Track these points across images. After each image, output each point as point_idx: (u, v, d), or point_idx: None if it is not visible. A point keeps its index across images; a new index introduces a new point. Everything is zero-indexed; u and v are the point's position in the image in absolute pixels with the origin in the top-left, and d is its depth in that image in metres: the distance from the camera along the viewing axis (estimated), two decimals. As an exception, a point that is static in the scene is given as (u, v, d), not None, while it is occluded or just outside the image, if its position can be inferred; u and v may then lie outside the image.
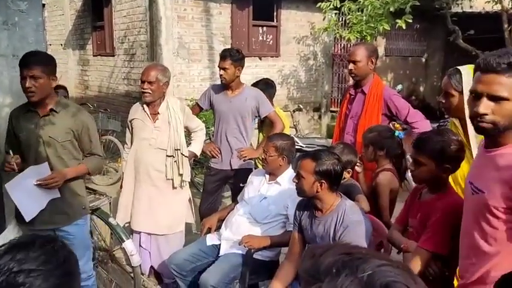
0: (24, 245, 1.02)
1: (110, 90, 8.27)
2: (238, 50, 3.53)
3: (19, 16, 2.82)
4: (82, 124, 2.53)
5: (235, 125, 3.53)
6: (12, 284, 0.94)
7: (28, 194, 2.44)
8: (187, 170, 3.25)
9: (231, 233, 2.86)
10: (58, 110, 2.48)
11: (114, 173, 6.65)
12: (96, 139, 2.64)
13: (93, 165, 2.62)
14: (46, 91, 2.41)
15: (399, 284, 0.68)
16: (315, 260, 0.76)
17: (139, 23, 7.08)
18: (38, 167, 2.46)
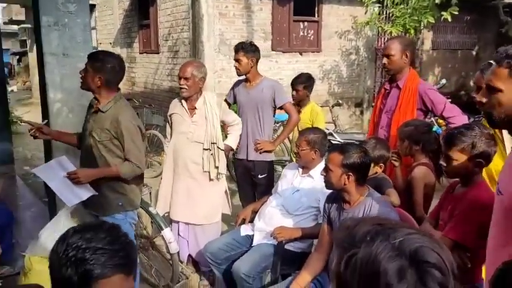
0: (93, 227, 1.16)
1: (154, 86, 8.59)
2: (251, 43, 3.65)
3: (68, 17, 3.02)
4: (117, 129, 2.57)
5: (253, 116, 3.62)
6: (80, 258, 1.06)
7: (61, 184, 2.62)
8: (223, 163, 3.36)
9: (263, 224, 2.94)
10: (104, 109, 2.60)
11: (157, 166, 6.93)
12: (132, 146, 2.59)
13: (125, 171, 2.62)
14: (91, 87, 2.58)
15: (426, 249, 0.78)
16: (350, 231, 0.86)
17: (183, 20, 7.29)
18: (59, 160, 2.66)
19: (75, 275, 1.04)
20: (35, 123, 2.76)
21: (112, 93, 2.64)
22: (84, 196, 2.65)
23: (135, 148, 2.61)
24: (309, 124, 3.83)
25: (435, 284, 0.77)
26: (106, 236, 1.11)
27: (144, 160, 2.73)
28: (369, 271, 0.79)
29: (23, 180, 6.17)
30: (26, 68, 20.43)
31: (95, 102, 2.66)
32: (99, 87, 2.58)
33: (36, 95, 17.81)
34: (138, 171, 2.67)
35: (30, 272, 2.84)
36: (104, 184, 2.68)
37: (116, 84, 2.66)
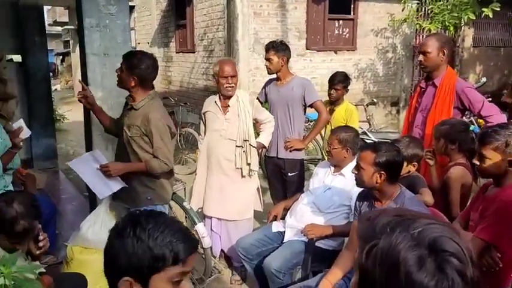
0: (156, 214, 1.20)
1: (190, 85, 8.75)
2: (281, 42, 3.67)
3: (109, 19, 3.15)
4: (147, 127, 2.67)
5: (283, 114, 3.65)
6: (170, 240, 1.10)
7: (94, 176, 2.78)
8: (256, 160, 3.40)
9: (295, 221, 2.97)
10: (137, 107, 2.72)
11: (192, 163, 7.06)
12: (160, 144, 2.69)
13: (153, 167, 2.72)
14: (126, 85, 2.72)
15: (445, 238, 0.81)
16: (370, 222, 0.89)
17: (218, 20, 7.40)
18: (93, 153, 2.83)
19: (170, 254, 1.08)
20: (86, 88, 2.96)
21: (146, 92, 2.73)
22: (114, 188, 2.79)
23: (163, 146, 2.71)
24: (343, 123, 3.81)
25: (454, 272, 0.78)
26: (174, 220, 1.19)
27: (172, 157, 2.80)
28: (389, 261, 0.81)
29: (65, 175, 6.45)
30: (68, 67, 21.27)
31: (129, 99, 2.79)
32: (133, 86, 2.69)
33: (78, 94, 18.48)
34: (165, 168, 2.76)
35: (72, 261, 2.99)
36: (134, 178, 2.81)
37: (149, 83, 2.75)
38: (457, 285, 0.78)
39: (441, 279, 0.78)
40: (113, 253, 1.10)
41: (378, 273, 0.83)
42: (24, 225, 1.93)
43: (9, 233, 1.93)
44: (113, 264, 1.10)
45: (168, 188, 2.96)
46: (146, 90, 2.74)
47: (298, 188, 3.75)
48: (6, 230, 1.92)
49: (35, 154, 6.29)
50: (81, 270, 2.83)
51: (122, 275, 1.08)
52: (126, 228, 1.10)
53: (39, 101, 6.50)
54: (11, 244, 1.95)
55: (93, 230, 3.04)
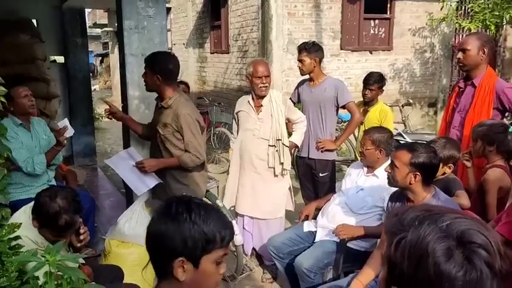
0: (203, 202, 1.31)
1: (224, 85, 8.85)
2: (314, 42, 3.67)
3: (147, 21, 3.25)
4: (177, 123, 2.78)
5: (316, 115, 3.65)
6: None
7: (130, 173, 2.90)
8: (288, 159, 3.42)
9: (326, 221, 2.96)
10: (166, 105, 2.83)
11: (225, 162, 7.14)
12: (191, 138, 2.79)
13: (184, 160, 2.84)
14: (152, 86, 2.83)
15: (472, 231, 0.82)
16: (398, 217, 0.91)
17: (252, 21, 7.45)
18: (128, 150, 2.96)
19: (219, 237, 1.21)
20: (112, 106, 3.13)
21: (172, 90, 2.85)
22: (150, 184, 2.89)
23: (194, 139, 2.82)
24: (377, 124, 3.76)
25: (482, 263, 0.79)
26: (217, 208, 1.32)
27: (203, 151, 2.90)
28: (417, 252, 0.83)
29: (103, 172, 6.67)
30: (107, 68, 21.92)
31: (158, 100, 2.91)
32: (159, 85, 2.81)
33: (115, 94, 19.04)
34: (197, 161, 2.87)
35: (109, 254, 3.11)
36: (168, 175, 2.91)
37: (173, 80, 2.88)
38: (486, 276, 0.79)
39: (469, 269, 0.79)
40: (169, 236, 1.18)
41: (406, 265, 0.84)
42: (66, 220, 2.02)
43: (52, 227, 2.03)
44: (167, 246, 1.19)
45: (201, 184, 3.04)
46: (171, 88, 2.85)
47: (330, 189, 3.74)
48: (50, 224, 2.02)
49: (75, 151, 6.54)
50: (118, 263, 2.94)
51: (176, 256, 1.18)
52: (181, 214, 1.20)
53: (79, 101, 6.76)
54: (54, 237, 2.05)
55: (130, 225, 3.14)
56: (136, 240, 3.13)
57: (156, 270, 1.28)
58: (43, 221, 2.02)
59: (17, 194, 3.04)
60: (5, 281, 1.52)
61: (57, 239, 2.06)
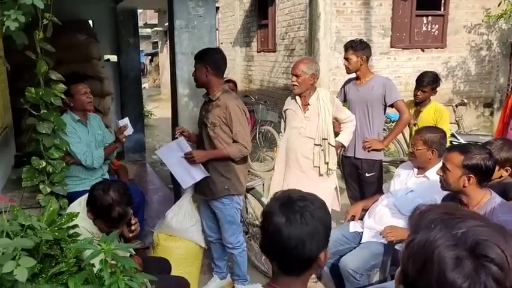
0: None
1: (270, 84, 8.87)
2: (361, 40, 3.60)
3: (197, 20, 3.32)
4: (226, 114, 2.86)
5: (362, 114, 3.57)
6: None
7: (179, 165, 2.98)
8: (334, 159, 3.36)
9: (373, 222, 2.90)
10: (214, 98, 2.92)
11: (270, 160, 7.16)
12: (239, 128, 2.87)
13: (232, 151, 2.91)
14: (201, 80, 2.92)
15: (488, 242, 0.76)
16: (420, 215, 0.88)
17: (300, 19, 7.41)
18: (178, 141, 3.00)
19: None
20: (182, 128, 3.23)
21: (220, 83, 2.94)
22: (197, 177, 2.97)
23: (241, 129, 2.90)
24: (432, 124, 3.62)
25: (489, 279, 0.74)
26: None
27: (250, 141, 2.96)
28: (422, 256, 0.80)
29: (151, 167, 6.89)
30: (156, 67, 22.59)
31: (206, 96, 2.99)
32: (207, 78, 2.90)
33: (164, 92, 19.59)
34: (244, 152, 2.94)
35: (157, 247, 3.21)
36: (211, 168, 2.97)
37: (221, 73, 2.96)
38: None
39: (475, 283, 0.74)
40: (310, 236, 1.21)
41: (410, 267, 0.82)
42: (119, 211, 2.11)
43: (106, 218, 2.12)
44: (299, 250, 1.20)
45: (242, 179, 3.08)
46: (219, 81, 2.94)
47: (377, 189, 3.65)
48: (103, 216, 2.12)
49: (126, 147, 6.79)
50: (165, 255, 3.03)
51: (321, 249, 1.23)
52: (295, 218, 1.22)
53: (130, 98, 7.02)
54: (107, 228, 2.15)
55: (177, 219, 3.23)
56: (183, 234, 3.22)
57: (286, 267, 1.27)
58: (97, 213, 2.12)
59: (73, 186, 3.19)
60: (63, 267, 1.61)
61: (111, 230, 2.16)
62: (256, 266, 3.59)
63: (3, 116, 3.88)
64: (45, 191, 2.71)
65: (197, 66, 2.93)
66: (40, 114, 2.61)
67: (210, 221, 3.24)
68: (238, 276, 3.24)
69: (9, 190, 3.48)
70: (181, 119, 3.45)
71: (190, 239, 3.22)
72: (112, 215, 2.10)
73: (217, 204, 3.06)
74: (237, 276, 3.25)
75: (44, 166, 2.68)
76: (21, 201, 3.22)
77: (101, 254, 1.50)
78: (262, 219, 1.30)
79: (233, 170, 3.01)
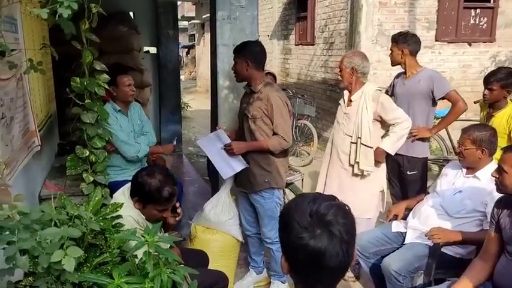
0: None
1: (307, 78, 8.74)
2: (406, 33, 3.50)
3: (239, 11, 3.28)
4: (267, 105, 2.82)
5: (407, 108, 3.41)
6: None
7: (218, 155, 2.99)
8: (366, 160, 3.14)
9: (418, 222, 2.79)
10: (256, 90, 2.88)
11: (306, 155, 7.08)
12: (280, 120, 2.82)
13: (272, 143, 2.86)
14: (242, 74, 2.88)
15: None
16: None
17: (340, 11, 7.24)
18: (217, 133, 3.01)
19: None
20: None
21: (261, 76, 2.90)
22: (237, 168, 2.95)
23: (282, 122, 2.84)
24: (505, 133, 3.25)
25: None
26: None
27: (290, 134, 2.90)
28: None
29: (187, 159, 6.95)
30: (192, 59, 22.82)
31: (247, 88, 2.96)
32: (248, 72, 2.86)
33: (199, 84, 19.78)
34: (284, 145, 2.88)
35: (195, 239, 3.21)
36: (252, 161, 2.93)
37: (262, 66, 2.92)
38: None
39: None
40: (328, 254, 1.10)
41: None
42: (169, 191, 2.14)
43: (157, 201, 2.14)
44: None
45: (282, 173, 3.03)
46: (260, 73, 2.90)
47: (421, 188, 3.52)
48: (154, 199, 2.13)
49: (163, 138, 6.88)
50: (203, 248, 3.02)
51: None
52: (320, 232, 1.11)
53: (168, 90, 7.09)
54: (159, 212, 2.18)
55: (215, 211, 3.22)
56: (220, 227, 3.21)
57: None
58: (147, 199, 2.14)
59: (114, 175, 3.24)
60: (107, 257, 1.61)
61: (161, 215, 2.20)
62: (292, 262, 3.53)
63: (48, 105, 3.98)
64: (88, 180, 2.75)
65: (237, 60, 2.89)
66: (84, 104, 2.65)
67: (248, 215, 3.21)
68: (275, 271, 3.20)
69: (52, 178, 3.57)
70: (221, 111, 3.43)
71: (227, 232, 3.20)
72: (163, 195, 2.12)
73: (257, 197, 3.02)
74: (274, 271, 3.21)
75: (87, 155, 2.72)
76: (65, 189, 3.30)
77: (145, 245, 1.49)
78: (285, 228, 1.17)
79: (274, 163, 2.96)
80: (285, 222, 1.18)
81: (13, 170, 2.28)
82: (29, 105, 2.80)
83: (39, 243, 1.22)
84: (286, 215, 1.18)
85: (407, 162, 3.52)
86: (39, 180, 3.32)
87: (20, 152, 2.46)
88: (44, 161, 3.60)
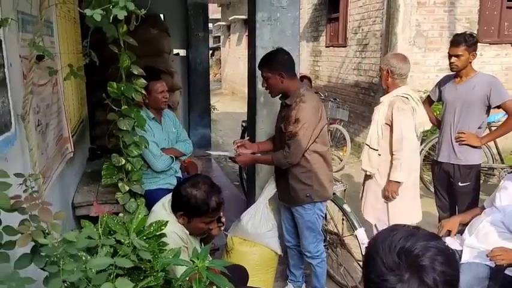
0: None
1: (339, 81, 8.51)
2: (471, 34, 3.22)
3: (280, 12, 3.11)
4: (290, 117, 2.67)
5: (458, 115, 3.23)
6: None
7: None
8: (369, 162, 3.11)
9: (476, 240, 2.56)
10: (290, 102, 2.72)
11: (338, 161, 6.86)
12: (294, 130, 2.63)
13: (277, 157, 2.73)
14: (278, 88, 2.72)
15: None
16: None
17: (375, 12, 6.99)
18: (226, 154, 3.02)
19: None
20: (242, 141, 3.08)
21: (296, 84, 2.73)
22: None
23: (297, 136, 2.63)
24: None
25: None
26: None
27: (300, 151, 2.67)
28: None
29: (217, 163, 6.82)
30: (217, 61, 22.79)
31: (283, 101, 2.80)
32: (283, 83, 2.69)
33: (225, 86, 19.71)
34: (289, 160, 2.68)
35: (232, 251, 3.06)
36: (291, 176, 2.79)
37: (294, 73, 2.76)
38: None
39: None
40: None
41: None
42: (216, 201, 2.02)
43: (205, 213, 2.01)
44: None
45: (327, 184, 2.86)
46: (295, 82, 2.73)
47: (473, 201, 3.28)
48: (202, 211, 2.00)
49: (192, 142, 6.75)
50: (240, 261, 2.87)
51: None
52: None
53: (198, 92, 6.99)
54: (206, 225, 2.05)
55: (253, 223, 3.06)
56: (258, 239, 3.05)
57: None
58: (193, 212, 2.01)
59: (147, 184, 3.10)
60: (152, 281, 1.47)
61: (207, 227, 2.08)
62: (332, 276, 3.36)
63: (80, 109, 3.91)
64: (124, 189, 2.64)
65: (268, 75, 2.70)
66: (121, 110, 2.53)
67: (289, 224, 3.06)
68: (315, 287, 3.02)
69: (85, 183, 3.49)
70: (260, 117, 3.27)
71: (266, 245, 3.04)
72: (211, 206, 2.00)
73: (299, 208, 2.86)
74: (314, 287, 3.03)
75: (123, 163, 2.60)
76: (97, 196, 3.20)
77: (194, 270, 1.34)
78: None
79: (314, 175, 2.78)
80: (369, 256, 1.00)
81: (48, 179, 2.18)
82: (63, 111, 2.71)
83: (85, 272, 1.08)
84: (371, 247, 1.00)
85: (459, 172, 3.29)
86: (72, 187, 3.24)
87: (54, 160, 2.36)
88: (77, 167, 3.52)
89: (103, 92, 2.54)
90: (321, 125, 2.72)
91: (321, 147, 2.77)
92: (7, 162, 1.57)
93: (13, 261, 1.22)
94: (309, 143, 2.68)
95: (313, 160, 2.76)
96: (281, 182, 2.93)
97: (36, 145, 1.98)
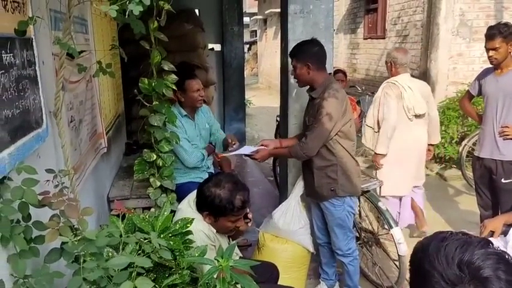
0: None
1: (377, 73, 8.28)
2: (506, 24, 3.05)
3: (313, 4, 3.03)
4: (314, 111, 2.61)
5: (500, 108, 3.06)
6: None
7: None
8: (365, 137, 3.80)
9: (522, 243, 2.41)
10: (315, 95, 2.66)
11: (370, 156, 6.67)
12: (315, 123, 2.57)
13: (294, 150, 2.67)
14: (304, 79, 2.67)
15: None
16: None
17: (416, 1, 6.73)
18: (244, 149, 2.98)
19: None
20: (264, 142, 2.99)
21: (324, 77, 2.66)
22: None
23: (315, 130, 2.58)
24: None
25: None
26: None
27: (316, 145, 2.60)
28: None
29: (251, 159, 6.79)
30: (254, 55, 22.79)
31: (309, 93, 2.74)
32: (310, 74, 2.64)
33: (261, 80, 19.69)
34: (306, 152, 2.62)
35: (263, 248, 3.03)
36: (316, 171, 2.73)
37: (324, 65, 2.69)
38: None
39: None
40: None
41: None
42: (241, 199, 1.97)
43: (230, 212, 1.97)
44: None
45: (355, 179, 2.75)
46: (323, 75, 2.67)
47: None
48: (227, 211, 1.96)
49: (227, 137, 6.78)
50: (271, 258, 2.84)
51: None
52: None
53: (233, 87, 6.99)
54: (232, 223, 2.02)
55: (284, 219, 3.02)
56: (290, 236, 3.01)
57: None
58: (219, 211, 1.98)
59: (178, 178, 3.10)
60: (177, 279, 1.46)
61: (234, 225, 2.05)
62: (367, 275, 3.26)
63: (116, 105, 3.99)
64: (155, 185, 2.66)
65: (296, 64, 2.66)
66: (152, 106, 2.55)
67: (319, 222, 2.99)
68: (348, 286, 2.94)
69: (120, 178, 3.56)
70: (292, 111, 3.21)
71: (298, 242, 2.99)
72: (236, 205, 1.96)
73: (327, 204, 2.78)
74: (347, 286, 2.95)
75: (154, 159, 2.62)
76: (132, 191, 3.26)
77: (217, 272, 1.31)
78: None
79: (340, 169, 2.69)
80: (420, 269, 0.93)
81: (81, 175, 2.22)
82: (97, 107, 2.75)
83: (106, 271, 1.08)
84: (421, 261, 0.93)
85: (501, 169, 3.12)
86: (108, 181, 3.31)
87: (87, 155, 2.41)
88: (113, 161, 3.60)
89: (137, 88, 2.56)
90: (344, 120, 2.63)
91: (346, 142, 2.68)
92: (39, 159, 1.61)
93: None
94: (329, 136, 2.61)
95: (338, 154, 2.67)
96: (307, 177, 2.87)
97: (69, 141, 2.02)
